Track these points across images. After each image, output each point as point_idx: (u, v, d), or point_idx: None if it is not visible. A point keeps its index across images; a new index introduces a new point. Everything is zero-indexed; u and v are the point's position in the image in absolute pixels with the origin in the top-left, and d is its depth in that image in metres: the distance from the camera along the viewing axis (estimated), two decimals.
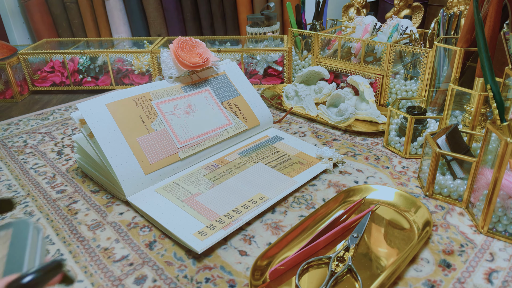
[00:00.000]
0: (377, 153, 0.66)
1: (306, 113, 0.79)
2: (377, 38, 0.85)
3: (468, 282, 0.41)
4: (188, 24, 1.41)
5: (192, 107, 0.65)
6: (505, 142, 0.43)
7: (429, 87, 0.71)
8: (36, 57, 0.98)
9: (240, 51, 0.98)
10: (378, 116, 0.74)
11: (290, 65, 0.97)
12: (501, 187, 0.45)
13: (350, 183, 0.58)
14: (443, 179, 0.53)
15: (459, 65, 0.63)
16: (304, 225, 0.48)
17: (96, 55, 0.99)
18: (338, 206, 0.52)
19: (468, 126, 0.58)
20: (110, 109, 0.58)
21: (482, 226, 0.47)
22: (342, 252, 0.43)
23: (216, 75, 0.72)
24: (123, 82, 1.01)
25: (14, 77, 0.96)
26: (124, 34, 1.42)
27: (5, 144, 0.74)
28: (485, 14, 0.55)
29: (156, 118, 0.61)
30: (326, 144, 0.69)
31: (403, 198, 0.52)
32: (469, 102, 0.58)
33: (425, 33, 0.86)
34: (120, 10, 1.39)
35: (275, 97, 0.89)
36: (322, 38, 0.90)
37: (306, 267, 0.42)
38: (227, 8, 1.37)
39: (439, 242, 0.46)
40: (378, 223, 0.49)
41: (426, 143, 0.55)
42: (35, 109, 0.91)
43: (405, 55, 0.79)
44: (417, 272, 0.42)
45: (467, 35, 0.61)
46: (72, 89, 1.00)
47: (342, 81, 0.89)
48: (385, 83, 0.81)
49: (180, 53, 0.64)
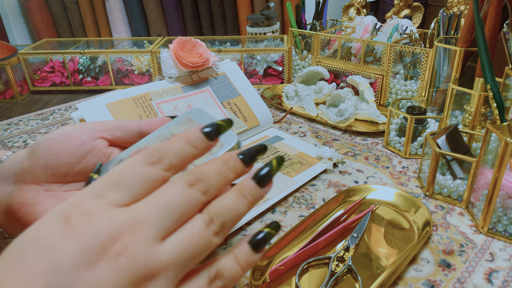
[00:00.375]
0: (377, 153, 0.66)
1: (306, 113, 0.79)
2: (377, 38, 0.85)
3: (468, 282, 0.41)
4: (188, 24, 1.41)
5: (192, 107, 0.65)
6: (505, 142, 0.43)
7: (429, 87, 0.71)
8: (36, 57, 0.98)
9: (240, 51, 0.98)
10: (378, 116, 0.74)
11: (290, 65, 0.97)
12: (501, 187, 0.45)
13: (350, 183, 0.58)
14: (443, 179, 0.53)
15: (459, 65, 0.63)
16: (304, 225, 0.48)
17: (96, 55, 0.99)
18: (338, 206, 0.52)
19: (468, 126, 0.58)
20: (110, 109, 0.58)
21: (482, 226, 0.47)
22: (342, 252, 0.43)
23: (216, 75, 0.72)
24: (123, 82, 1.01)
25: (14, 77, 0.96)
26: (124, 34, 1.42)
27: (5, 144, 0.74)
28: (485, 14, 0.55)
29: None
30: (326, 144, 0.69)
31: (403, 198, 0.52)
32: (469, 102, 0.58)
33: (425, 33, 0.86)
34: (120, 10, 1.39)
35: (275, 97, 0.89)
36: (322, 38, 0.90)
37: (306, 267, 0.42)
38: (227, 8, 1.37)
39: (439, 242, 0.46)
40: (378, 223, 0.49)
41: (426, 143, 0.55)
42: (35, 109, 0.91)
43: (405, 55, 0.79)
44: (417, 272, 0.42)
45: (467, 35, 0.61)
46: (72, 89, 1.00)
47: (342, 81, 0.89)
48: (385, 83, 0.81)
49: (180, 53, 0.64)
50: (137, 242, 0.21)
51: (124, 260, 0.21)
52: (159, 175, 0.24)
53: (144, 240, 0.21)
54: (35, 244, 0.20)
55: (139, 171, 0.23)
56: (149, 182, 0.23)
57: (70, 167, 0.34)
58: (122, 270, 0.20)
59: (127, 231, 0.21)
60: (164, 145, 0.25)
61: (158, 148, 0.25)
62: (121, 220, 0.22)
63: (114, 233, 0.21)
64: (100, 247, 0.20)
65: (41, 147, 0.34)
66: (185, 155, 0.25)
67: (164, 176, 0.24)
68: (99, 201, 0.22)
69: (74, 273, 0.20)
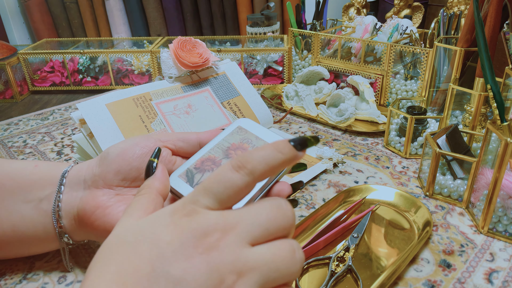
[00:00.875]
0: (377, 153, 0.66)
1: (306, 113, 0.79)
2: (377, 38, 0.85)
3: (468, 282, 0.41)
4: (188, 24, 1.41)
5: (192, 107, 0.65)
6: (505, 142, 0.43)
7: (429, 87, 0.71)
8: (36, 57, 0.98)
9: (240, 51, 0.98)
10: (378, 116, 0.74)
11: (290, 65, 0.97)
12: (501, 187, 0.45)
13: (350, 183, 0.58)
14: (443, 179, 0.53)
15: (459, 65, 0.63)
16: (304, 225, 0.48)
17: (96, 55, 0.99)
18: (338, 206, 0.52)
19: (468, 126, 0.58)
20: (110, 109, 0.58)
21: (482, 226, 0.47)
22: (342, 252, 0.43)
23: (216, 75, 0.72)
24: (123, 82, 1.01)
25: (14, 77, 0.96)
26: (124, 34, 1.42)
27: (5, 144, 0.74)
28: (485, 14, 0.55)
29: (156, 118, 0.61)
30: (326, 144, 0.69)
31: (403, 198, 0.52)
32: (469, 102, 0.58)
33: (425, 33, 0.86)
34: (120, 10, 1.39)
35: (275, 97, 0.89)
36: (322, 38, 0.90)
37: (306, 267, 0.42)
38: (227, 8, 1.37)
39: (439, 242, 0.46)
40: (378, 223, 0.49)
41: (426, 143, 0.55)
42: (35, 109, 0.91)
43: (405, 55, 0.79)
44: (417, 272, 0.42)
45: (467, 35, 0.61)
46: (72, 89, 1.00)
47: (342, 81, 0.89)
48: (385, 83, 0.81)
49: (180, 53, 0.64)
50: (228, 241, 0.24)
51: (216, 254, 0.23)
52: (242, 180, 0.25)
53: (234, 240, 0.24)
54: (148, 236, 0.25)
55: (225, 177, 0.25)
56: (233, 187, 0.25)
57: (140, 171, 0.38)
58: (214, 263, 0.23)
59: (219, 229, 0.24)
60: (251, 151, 0.26)
61: (244, 154, 0.26)
62: (215, 220, 0.24)
63: (209, 230, 0.24)
64: (196, 240, 0.24)
65: (113, 154, 0.38)
66: (271, 161, 0.26)
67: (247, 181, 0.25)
68: (196, 205, 0.25)
69: (174, 262, 0.23)
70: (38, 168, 0.40)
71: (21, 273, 0.42)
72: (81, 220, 0.38)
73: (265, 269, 0.24)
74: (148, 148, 0.38)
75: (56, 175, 0.39)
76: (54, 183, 0.38)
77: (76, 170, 0.39)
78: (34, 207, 0.38)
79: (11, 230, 0.38)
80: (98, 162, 0.38)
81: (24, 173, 0.39)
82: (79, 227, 0.38)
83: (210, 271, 0.23)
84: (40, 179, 0.39)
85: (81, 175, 0.38)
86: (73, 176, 0.39)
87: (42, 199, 0.38)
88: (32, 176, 0.39)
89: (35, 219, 0.38)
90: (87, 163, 0.39)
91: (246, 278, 0.23)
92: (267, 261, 0.24)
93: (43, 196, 0.38)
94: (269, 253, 0.24)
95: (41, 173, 0.39)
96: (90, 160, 0.40)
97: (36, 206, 0.38)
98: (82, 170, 0.39)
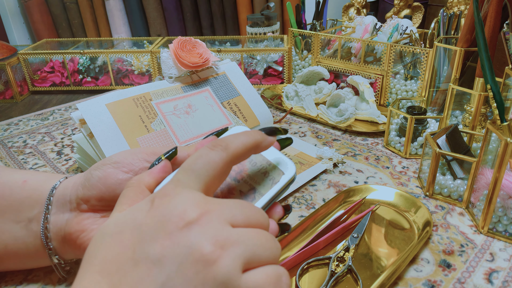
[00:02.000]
0: (377, 153, 0.66)
1: (306, 113, 0.79)
2: (377, 38, 0.85)
3: (468, 282, 0.41)
4: (188, 24, 1.41)
5: (192, 107, 0.65)
6: (505, 142, 0.43)
7: (429, 87, 0.71)
8: (36, 57, 0.98)
9: (240, 51, 0.98)
10: (378, 116, 0.74)
11: (290, 65, 0.97)
12: (501, 187, 0.45)
13: (350, 183, 0.58)
14: (443, 179, 0.53)
15: (459, 65, 0.63)
16: (304, 225, 0.48)
17: (96, 55, 0.99)
18: (338, 206, 0.52)
19: (468, 126, 0.58)
20: (110, 109, 0.58)
21: (482, 226, 0.47)
22: (342, 252, 0.43)
23: (216, 75, 0.72)
24: (123, 82, 1.01)
25: (14, 77, 0.96)
26: (124, 34, 1.42)
27: (5, 144, 0.74)
28: (485, 14, 0.55)
29: (156, 118, 0.61)
30: (326, 144, 0.69)
31: (403, 198, 0.52)
32: (469, 102, 0.58)
33: (425, 33, 0.86)
34: (120, 10, 1.39)
35: (275, 97, 0.89)
36: (322, 38, 0.90)
37: (306, 267, 0.42)
38: (227, 8, 1.37)
39: (439, 242, 0.46)
40: (378, 223, 0.49)
41: (426, 143, 0.55)
42: (35, 109, 0.91)
43: (405, 55, 0.79)
44: (417, 272, 0.42)
45: (467, 35, 0.61)
46: (72, 89, 1.00)
47: (342, 81, 0.89)
48: (385, 83, 0.81)
49: (180, 53, 0.64)
50: (209, 217, 0.24)
51: (197, 228, 0.23)
52: (218, 155, 0.27)
53: (216, 217, 0.24)
54: (129, 224, 0.25)
55: (201, 154, 0.27)
56: (210, 163, 0.27)
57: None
58: (194, 237, 0.23)
59: (201, 207, 0.24)
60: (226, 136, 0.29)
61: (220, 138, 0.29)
62: (197, 198, 0.25)
63: (189, 207, 0.24)
64: (176, 217, 0.24)
65: (95, 177, 0.36)
66: (244, 139, 0.29)
67: (222, 156, 0.27)
68: (177, 185, 0.26)
69: (153, 242, 0.23)
70: (27, 184, 0.39)
71: (22, 275, 0.42)
72: (68, 242, 0.37)
73: (249, 244, 0.24)
74: (132, 172, 0.36)
75: (44, 192, 0.38)
76: (42, 203, 0.37)
77: (63, 188, 0.38)
78: (24, 227, 0.37)
79: (3, 248, 0.38)
80: (83, 182, 0.37)
81: (14, 190, 0.38)
82: (68, 248, 0.38)
83: (191, 245, 0.23)
84: (28, 197, 0.38)
85: (66, 195, 0.37)
86: (59, 195, 0.37)
87: (31, 219, 0.37)
88: (21, 194, 0.38)
89: (26, 240, 0.37)
90: (73, 180, 0.38)
91: (229, 251, 0.23)
92: (249, 236, 0.24)
93: (32, 216, 0.37)
94: (252, 231, 0.24)
95: (30, 191, 0.38)
96: (77, 176, 0.38)
97: (26, 226, 0.37)
98: (68, 189, 0.37)
